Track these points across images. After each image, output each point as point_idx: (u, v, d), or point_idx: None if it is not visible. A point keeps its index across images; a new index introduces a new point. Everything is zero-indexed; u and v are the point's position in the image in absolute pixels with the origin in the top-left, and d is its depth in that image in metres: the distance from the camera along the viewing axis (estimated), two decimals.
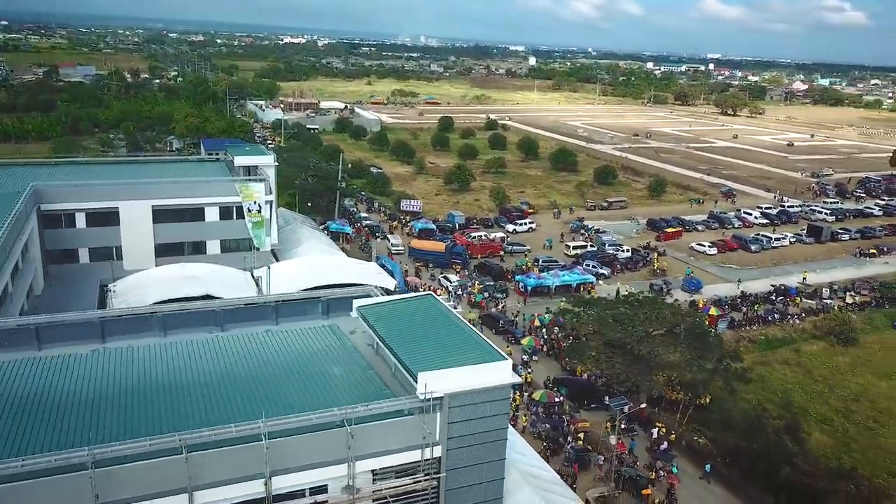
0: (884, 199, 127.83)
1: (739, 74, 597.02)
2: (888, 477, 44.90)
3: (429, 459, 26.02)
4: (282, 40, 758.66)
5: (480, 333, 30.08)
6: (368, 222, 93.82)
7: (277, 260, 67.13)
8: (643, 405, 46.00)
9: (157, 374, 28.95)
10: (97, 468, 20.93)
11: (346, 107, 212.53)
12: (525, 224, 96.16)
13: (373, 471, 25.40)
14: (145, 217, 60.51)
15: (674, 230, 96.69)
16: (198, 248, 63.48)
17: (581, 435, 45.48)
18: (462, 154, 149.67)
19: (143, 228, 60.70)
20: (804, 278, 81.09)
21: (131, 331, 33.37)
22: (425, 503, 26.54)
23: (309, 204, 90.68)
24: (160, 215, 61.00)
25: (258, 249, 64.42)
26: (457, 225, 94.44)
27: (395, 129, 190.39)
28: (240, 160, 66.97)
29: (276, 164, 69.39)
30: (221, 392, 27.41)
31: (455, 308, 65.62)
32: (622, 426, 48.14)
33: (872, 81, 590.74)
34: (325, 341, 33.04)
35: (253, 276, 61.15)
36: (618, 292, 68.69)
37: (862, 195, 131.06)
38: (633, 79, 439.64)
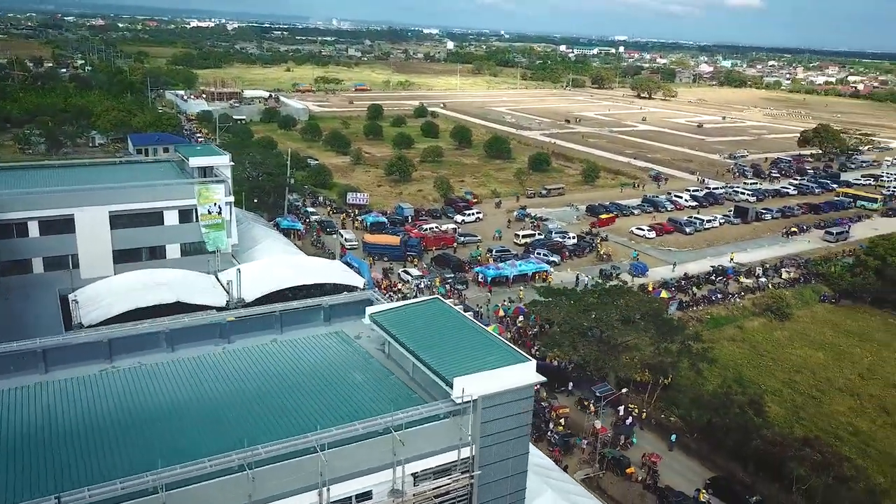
0: (796, 179, 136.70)
1: (648, 57, 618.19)
2: (836, 441, 49.44)
3: (464, 459, 27.38)
4: (188, 24, 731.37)
5: None
6: (316, 217, 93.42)
7: (236, 261, 66.53)
8: (624, 390, 48.77)
9: (183, 393, 29.04)
10: (168, 490, 21.29)
11: (270, 95, 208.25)
12: (472, 214, 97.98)
13: (414, 474, 26.55)
14: (102, 223, 58.66)
15: (608, 216, 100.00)
16: (157, 253, 62.04)
17: (562, 420, 47.82)
18: (397, 143, 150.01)
19: (100, 235, 58.87)
20: (731, 259, 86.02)
21: (138, 348, 33.10)
22: (460, 501, 27.92)
23: (255, 201, 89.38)
24: (118, 221, 59.26)
25: (219, 251, 63.59)
26: (406, 217, 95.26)
27: (325, 118, 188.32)
28: (195, 161, 65.69)
29: (233, 163, 68.46)
30: (258, 408, 27.81)
31: (415, 295, 67.00)
32: (592, 406, 51.04)
33: (769, 63, 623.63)
34: (337, 348, 33.75)
35: (218, 279, 60.69)
36: (577, 280, 71.78)
37: (777, 175, 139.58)
38: (549, 62, 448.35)
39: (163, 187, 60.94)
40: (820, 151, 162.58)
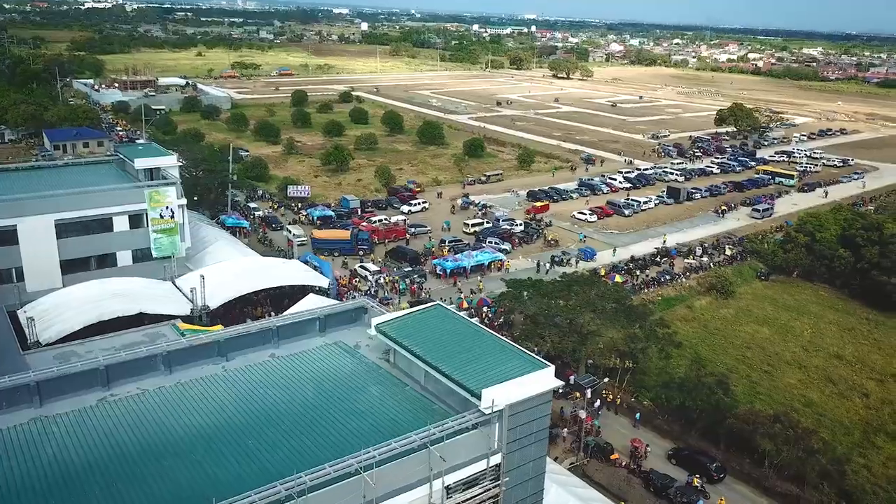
0: (717, 158, 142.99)
1: (559, 36, 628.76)
2: (792, 412, 52.68)
3: (493, 467, 27.85)
4: (83, 4, 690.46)
5: None
6: (259, 213, 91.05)
7: (190, 266, 64.35)
8: (606, 379, 50.35)
9: (196, 420, 28.17)
10: None
11: (187, 83, 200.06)
12: (418, 204, 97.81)
13: (447, 486, 26.81)
14: (47, 233, 55.59)
15: (541, 204, 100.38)
16: (107, 262, 59.43)
17: None
18: (327, 131, 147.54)
19: (45, 245, 55.76)
20: (664, 241, 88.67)
21: (135, 373, 31.77)
22: None
23: (195, 199, 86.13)
24: (64, 229, 56.38)
25: (173, 256, 61.31)
26: (353, 210, 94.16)
27: (248, 106, 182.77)
28: (141, 162, 63.01)
29: (181, 163, 65.94)
30: (283, 431, 27.31)
31: (376, 296, 66.71)
32: (579, 396, 52.53)
33: (674, 41, 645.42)
34: (342, 360, 33.42)
35: (176, 286, 58.61)
36: (538, 266, 73.49)
37: (699, 154, 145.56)
38: (465, 43, 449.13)
39: (111, 192, 58.15)
40: (735, 129, 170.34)
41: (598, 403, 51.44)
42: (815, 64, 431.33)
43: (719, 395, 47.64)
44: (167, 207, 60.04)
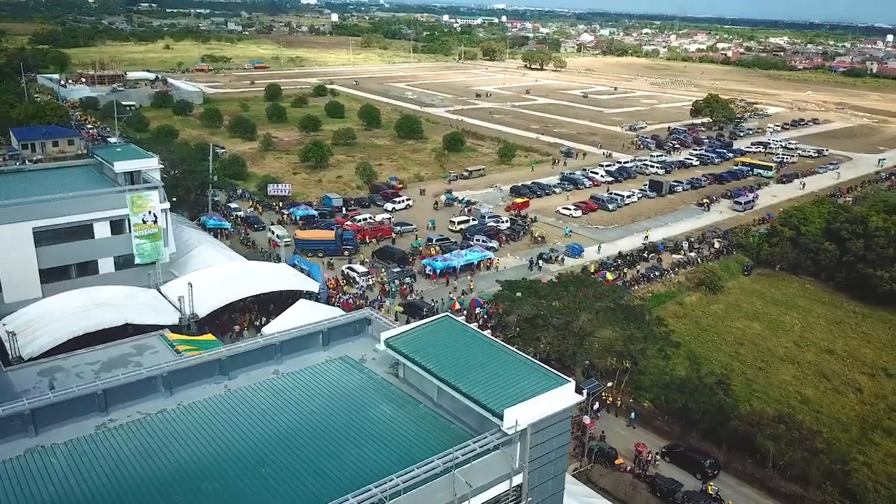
0: (696, 149, 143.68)
1: (530, 26, 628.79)
2: (788, 409, 52.83)
3: (515, 487, 27.04)
4: None
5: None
6: (240, 213, 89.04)
7: (174, 272, 62.56)
8: (609, 384, 49.85)
9: (202, 447, 26.82)
10: None
11: (157, 77, 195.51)
12: (402, 202, 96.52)
13: None
14: (25, 241, 53.49)
15: (521, 200, 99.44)
16: (89, 269, 57.50)
17: None
18: (304, 126, 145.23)
19: (23, 254, 53.67)
20: (646, 237, 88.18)
21: (134, 397, 30.28)
22: None
23: (174, 200, 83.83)
24: (43, 237, 54.34)
25: (155, 263, 59.46)
26: (335, 208, 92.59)
27: (220, 101, 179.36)
28: (121, 165, 61.04)
29: (162, 166, 63.94)
30: (295, 456, 26.13)
31: (365, 299, 65.55)
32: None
33: (644, 31, 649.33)
34: (349, 377, 32.26)
35: (161, 293, 56.87)
36: (531, 263, 72.93)
37: (677, 146, 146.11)
38: (436, 34, 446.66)
39: (92, 197, 56.06)
40: (710, 120, 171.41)
41: (596, 405, 51.08)
42: (782, 53, 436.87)
43: (720, 396, 47.40)
44: (150, 212, 58.20)
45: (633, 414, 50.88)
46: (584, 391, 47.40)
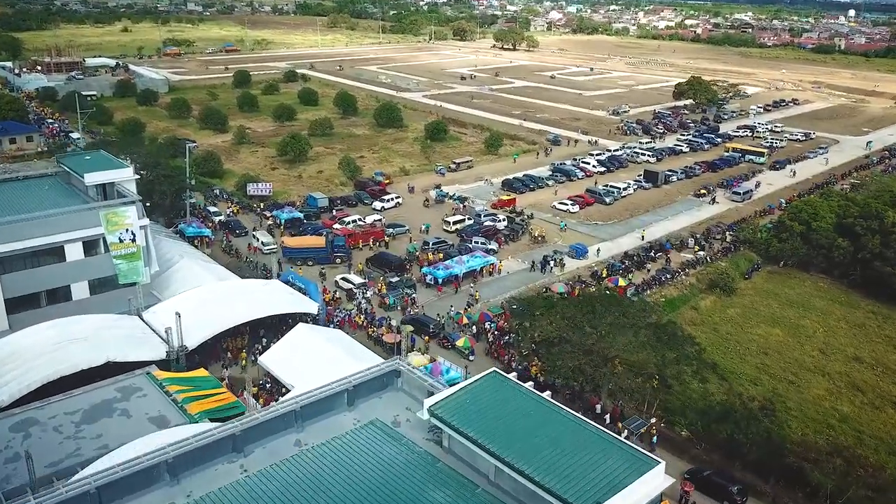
0: (683, 134, 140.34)
1: (497, 3, 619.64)
2: (827, 429, 49.72)
3: None
4: None
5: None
6: (220, 217, 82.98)
7: (156, 294, 57.00)
8: (653, 419, 45.88)
9: None
10: None
11: (118, 64, 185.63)
12: (392, 200, 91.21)
13: None
14: None
15: (508, 198, 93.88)
16: (60, 296, 51.67)
17: None
18: (277, 116, 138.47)
19: None
20: (643, 237, 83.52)
21: (133, 490, 25.31)
22: None
23: (147, 204, 77.53)
24: (7, 263, 48.48)
25: (136, 284, 53.80)
26: (321, 209, 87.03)
27: (186, 88, 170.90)
28: (92, 177, 54.94)
29: (137, 177, 57.92)
30: None
31: (366, 315, 60.67)
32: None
33: (611, 7, 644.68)
34: (386, 450, 27.69)
35: (143, 320, 51.37)
36: (533, 265, 68.85)
37: (662, 132, 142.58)
38: (404, 13, 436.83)
39: (61, 217, 50.09)
40: (693, 102, 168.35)
41: (625, 433, 47.33)
42: (750, 30, 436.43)
43: (766, 425, 43.84)
44: (127, 230, 52.44)
45: (654, 438, 47.19)
46: (632, 431, 43.56)
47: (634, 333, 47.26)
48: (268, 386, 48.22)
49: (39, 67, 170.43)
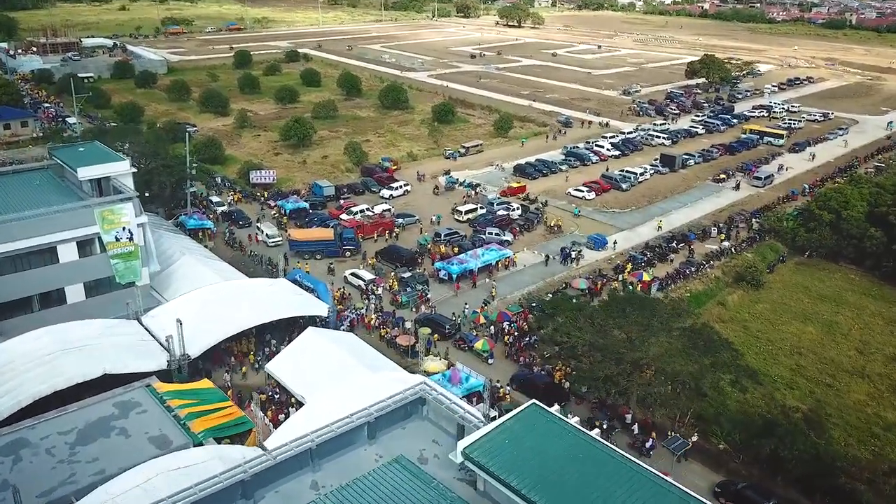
0: (698, 115, 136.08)
1: None
2: (872, 438, 46.69)
3: None
4: None
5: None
6: (222, 208, 79.51)
7: (156, 293, 53.93)
8: (695, 437, 42.77)
9: None
10: None
11: (115, 44, 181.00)
12: (400, 187, 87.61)
13: None
14: None
15: (518, 185, 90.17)
16: (54, 299, 48.51)
17: None
18: (280, 98, 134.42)
19: None
20: (659, 227, 80.00)
21: None
22: None
23: (146, 194, 74.12)
24: None
25: (134, 285, 50.66)
26: (326, 197, 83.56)
27: (186, 70, 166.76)
28: (86, 171, 51.52)
29: (134, 167, 54.49)
30: None
31: (389, 312, 57.63)
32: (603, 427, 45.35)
33: None
34: (413, 493, 24.52)
35: (142, 324, 48.25)
36: (547, 260, 65.37)
37: (676, 112, 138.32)
38: None
39: (53, 216, 46.74)
40: (706, 81, 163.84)
41: (650, 443, 44.42)
42: (759, 5, 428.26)
43: (813, 439, 40.76)
44: (124, 228, 49.20)
45: (682, 450, 44.22)
46: (674, 452, 40.59)
47: (669, 340, 44.07)
48: (276, 397, 45.21)
49: (35, 49, 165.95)
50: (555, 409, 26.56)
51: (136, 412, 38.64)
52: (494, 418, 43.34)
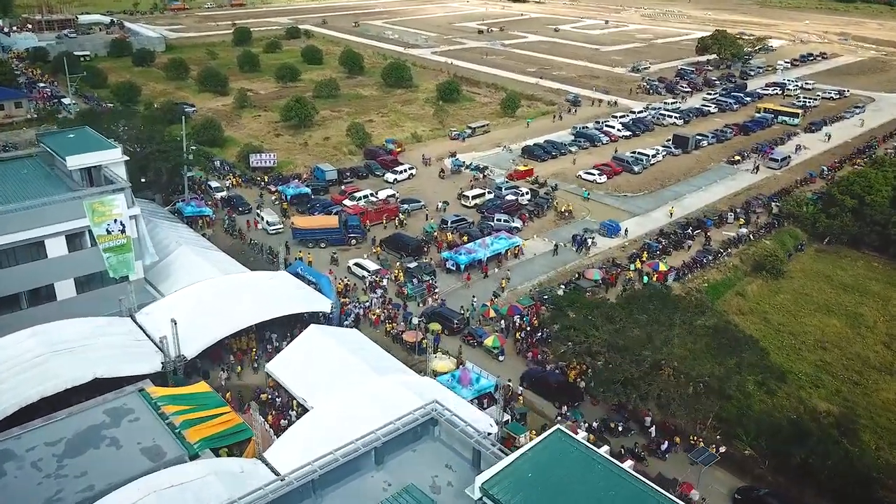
0: (709, 93, 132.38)
1: None
2: None
3: None
4: None
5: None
6: (221, 193, 76.83)
7: (151, 287, 51.60)
8: (723, 448, 40.36)
9: None
10: None
11: (112, 21, 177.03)
12: (405, 171, 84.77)
13: None
14: None
15: (525, 168, 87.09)
16: (43, 295, 46.18)
17: None
18: (280, 76, 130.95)
19: None
20: (671, 213, 76.88)
21: None
22: None
23: (143, 180, 71.54)
24: None
25: (128, 279, 48.26)
26: (329, 181, 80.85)
27: (184, 47, 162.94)
28: (75, 160, 48.86)
29: (126, 157, 51.78)
30: None
31: (389, 299, 55.40)
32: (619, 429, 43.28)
33: None
34: None
35: (136, 321, 45.96)
36: (556, 249, 62.55)
37: (687, 90, 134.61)
38: None
39: (39, 209, 44.22)
40: (717, 58, 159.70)
41: (665, 446, 42.24)
42: None
43: (845, 446, 38.44)
44: (116, 220, 46.70)
45: (701, 457, 41.90)
46: (702, 465, 38.26)
47: (692, 339, 41.59)
48: (277, 401, 42.99)
49: (30, 26, 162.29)
50: (581, 436, 24.13)
51: (128, 420, 36.49)
52: (507, 422, 41.59)
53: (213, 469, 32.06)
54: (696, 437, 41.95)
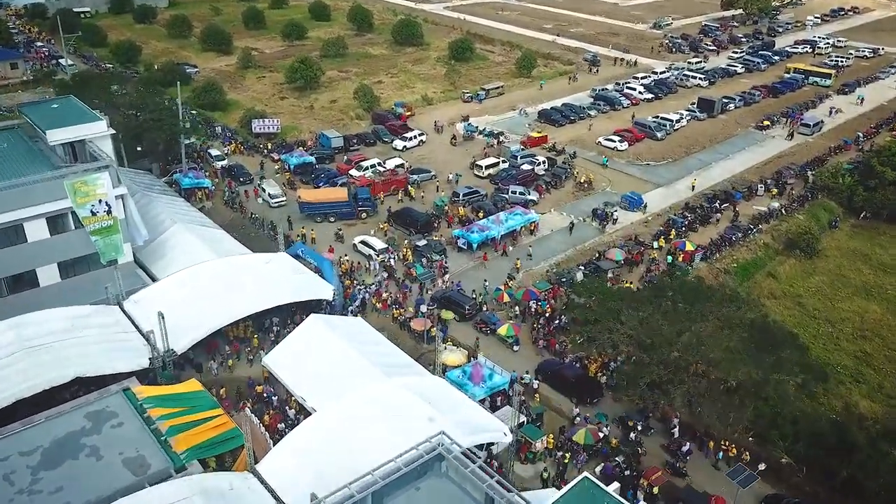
0: (736, 52, 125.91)
1: None
2: None
3: None
4: None
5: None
6: (222, 162, 72.97)
7: (142, 271, 48.37)
8: (762, 466, 36.87)
9: None
10: None
11: None
12: (414, 138, 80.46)
13: None
14: None
15: (539, 135, 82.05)
16: (24, 282, 43.09)
17: (656, 489, 35.73)
18: (286, 34, 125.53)
19: None
20: (693, 186, 71.83)
21: None
22: None
23: (139, 148, 67.93)
24: None
25: (116, 263, 44.93)
26: (334, 149, 76.82)
27: (187, 3, 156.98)
28: (56, 134, 45.17)
29: (111, 132, 47.93)
30: None
31: (402, 280, 52.17)
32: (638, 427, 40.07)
33: None
34: None
35: (124, 311, 42.84)
36: (571, 227, 58.92)
37: (712, 48, 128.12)
38: None
39: (17, 189, 40.76)
40: (743, 13, 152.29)
41: (686, 447, 39.03)
42: None
43: (893, 455, 34.98)
44: (100, 200, 43.18)
45: (721, 453, 38.75)
46: (740, 486, 34.87)
47: (727, 337, 37.89)
48: (274, 399, 39.97)
49: None
50: (613, 487, 20.75)
51: (110, 425, 33.59)
52: (522, 425, 38.40)
53: (200, 488, 29.21)
54: (727, 442, 38.60)
